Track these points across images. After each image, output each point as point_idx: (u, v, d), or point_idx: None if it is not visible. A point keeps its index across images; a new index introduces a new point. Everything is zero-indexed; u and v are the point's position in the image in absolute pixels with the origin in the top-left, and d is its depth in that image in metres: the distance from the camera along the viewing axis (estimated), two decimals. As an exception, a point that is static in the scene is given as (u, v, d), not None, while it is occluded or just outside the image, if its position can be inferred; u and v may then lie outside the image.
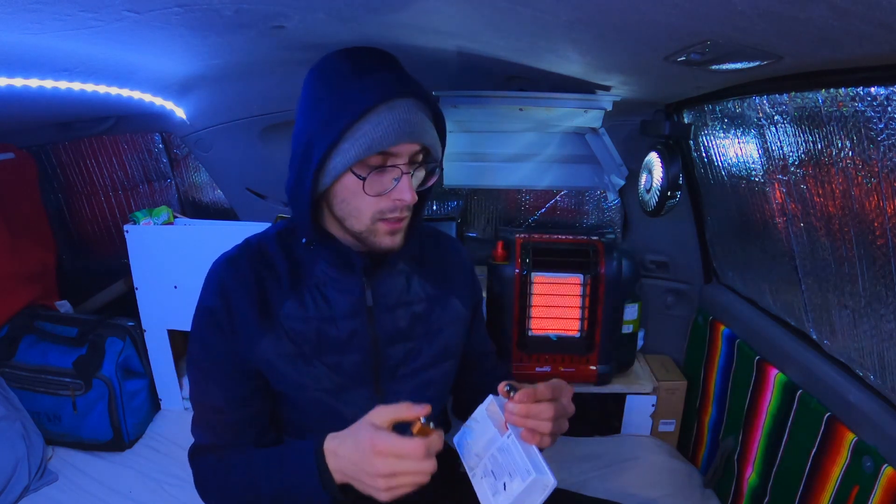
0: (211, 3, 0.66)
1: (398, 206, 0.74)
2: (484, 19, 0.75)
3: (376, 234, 0.77)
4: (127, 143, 1.80)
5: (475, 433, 0.75)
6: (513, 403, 0.70)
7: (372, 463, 0.66)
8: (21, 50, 0.79)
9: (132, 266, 1.52)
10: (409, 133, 0.70)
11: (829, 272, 0.98)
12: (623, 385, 1.55)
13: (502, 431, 0.71)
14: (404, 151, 0.72)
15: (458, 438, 0.77)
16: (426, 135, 0.73)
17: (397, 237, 0.78)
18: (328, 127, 0.70)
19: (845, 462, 0.93)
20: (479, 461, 0.72)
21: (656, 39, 0.72)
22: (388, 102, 0.69)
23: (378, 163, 0.71)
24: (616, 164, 1.48)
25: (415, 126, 0.71)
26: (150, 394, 1.59)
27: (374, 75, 0.71)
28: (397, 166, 0.72)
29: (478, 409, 0.76)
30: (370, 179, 0.72)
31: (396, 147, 0.71)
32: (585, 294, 1.44)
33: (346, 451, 0.69)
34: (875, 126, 0.75)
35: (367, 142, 0.69)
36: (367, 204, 0.74)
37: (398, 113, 0.69)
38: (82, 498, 1.32)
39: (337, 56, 0.74)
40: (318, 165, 0.71)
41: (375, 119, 0.69)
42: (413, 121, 0.71)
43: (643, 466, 1.43)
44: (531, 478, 0.64)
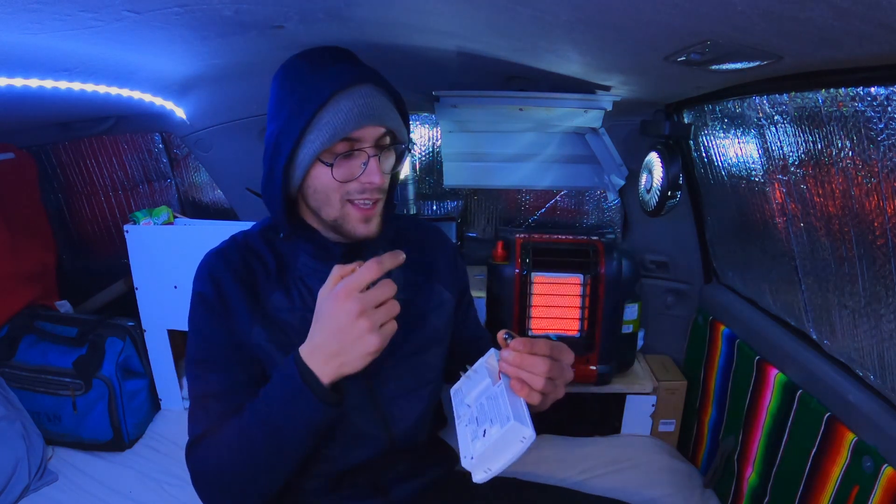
0: (211, 3, 0.66)
1: (367, 189, 0.76)
2: (484, 19, 0.75)
3: (349, 220, 0.79)
4: (127, 143, 1.80)
5: (470, 383, 0.75)
6: (508, 350, 0.69)
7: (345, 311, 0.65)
8: (21, 50, 0.79)
9: (132, 266, 1.52)
10: (370, 116, 0.73)
11: (829, 272, 0.98)
12: (623, 385, 1.55)
13: (495, 381, 0.71)
14: (368, 136, 0.74)
15: (454, 389, 0.76)
16: (387, 118, 0.75)
17: (372, 224, 0.80)
18: (292, 121, 0.73)
19: (845, 462, 0.93)
20: (467, 410, 0.72)
21: (656, 39, 0.72)
22: (347, 90, 0.72)
23: (344, 149, 0.74)
24: (616, 164, 1.48)
25: (375, 109, 0.73)
26: (150, 394, 1.59)
27: (330, 68, 0.74)
28: (363, 149, 0.74)
29: (478, 361, 0.76)
30: (338, 165, 0.74)
31: (359, 132, 0.73)
32: (585, 294, 1.44)
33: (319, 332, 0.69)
34: (875, 126, 0.75)
35: (329, 129, 0.71)
36: (336, 189, 0.76)
37: (357, 98, 0.72)
38: (82, 498, 1.32)
39: (295, 57, 0.79)
40: (287, 160, 0.74)
41: (335, 107, 0.71)
42: (372, 104, 0.73)
43: (643, 466, 1.43)
44: (509, 423, 0.62)
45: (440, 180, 1.71)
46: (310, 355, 0.69)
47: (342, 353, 0.68)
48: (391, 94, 0.78)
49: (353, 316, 0.66)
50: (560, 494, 1.05)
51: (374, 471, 0.91)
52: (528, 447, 0.63)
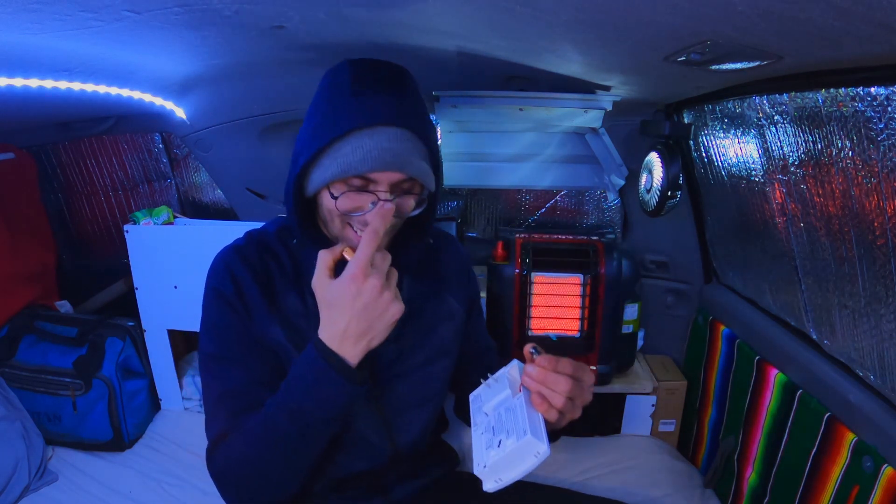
0: (211, 3, 0.66)
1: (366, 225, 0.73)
2: (484, 19, 0.75)
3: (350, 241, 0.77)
4: (127, 143, 1.80)
5: (490, 392, 0.75)
6: (532, 366, 0.69)
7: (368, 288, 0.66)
8: (21, 50, 0.79)
9: (132, 266, 1.52)
10: (390, 162, 0.69)
11: (829, 272, 0.98)
12: (623, 385, 1.55)
13: (515, 394, 0.71)
14: (384, 179, 0.71)
15: (474, 395, 0.77)
16: (410, 165, 0.71)
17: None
18: (313, 140, 0.71)
19: (845, 462, 0.93)
20: (485, 418, 0.72)
21: (656, 39, 0.72)
22: (373, 128, 0.69)
23: (357, 185, 0.72)
24: (616, 164, 1.48)
25: (397, 156, 0.69)
26: (150, 394, 1.59)
27: (368, 97, 0.70)
28: (376, 192, 0.72)
29: (500, 370, 0.76)
30: (345, 197, 0.72)
31: (375, 174, 0.70)
32: (585, 294, 1.44)
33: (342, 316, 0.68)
34: (875, 126, 0.75)
35: (343, 164, 0.69)
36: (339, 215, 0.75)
37: (380, 141, 0.69)
38: (82, 498, 1.32)
39: (345, 66, 0.74)
40: (300, 174, 0.74)
41: (356, 142, 0.69)
42: (396, 150, 0.69)
43: (643, 466, 1.43)
44: (525, 437, 0.63)
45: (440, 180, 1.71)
46: (336, 340, 0.69)
47: (371, 330, 0.68)
48: (423, 139, 0.73)
49: (378, 291, 0.66)
50: (560, 494, 1.05)
51: (383, 480, 0.91)
52: (541, 462, 0.64)
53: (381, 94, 0.71)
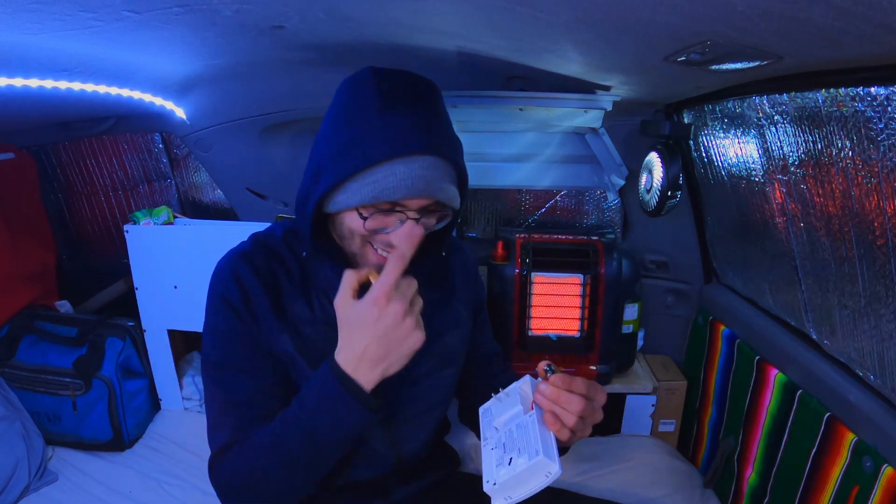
0: (211, 3, 0.66)
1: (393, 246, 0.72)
2: (484, 19, 0.75)
3: (364, 261, 0.75)
4: (127, 143, 1.80)
5: (501, 407, 0.74)
6: (546, 384, 0.68)
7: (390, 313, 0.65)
8: (21, 50, 0.79)
9: (132, 266, 1.52)
10: (423, 190, 0.68)
11: (829, 272, 0.98)
12: (623, 385, 1.55)
13: (526, 410, 0.71)
14: (414, 204, 0.70)
15: (484, 409, 0.76)
16: (441, 192, 0.70)
17: None
18: (340, 161, 0.67)
19: (845, 462, 0.93)
20: (495, 433, 0.72)
21: (656, 39, 0.72)
22: (411, 157, 0.66)
23: (386, 207, 0.70)
24: (616, 164, 1.48)
25: (430, 183, 0.68)
26: (150, 394, 1.59)
27: (399, 119, 0.67)
28: (405, 212, 0.70)
29: (512, 385, 0.75)
30: (373, 218, 0.70)
31: (409, 201, 0.69)
32: (585, 294, 1.44)
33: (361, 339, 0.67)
34: (875, 126, 0.75)
35: (375, 190, 0.67)
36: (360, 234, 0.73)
37: (413, 169, 0.67)
38: (82, 498, 1.32)
39: (371, 79, 0.70)
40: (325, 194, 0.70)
41: (389, 169, 0.66)
42: (428, 177, 0.68)
43: (643, 466, 1.43)
44: (537, 458, 0.63)
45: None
46: (353, 363, 0.68)
47: (389, 356, 0.67)
48: (453, 163, 0.72)
49: (400, 317, 0.65)
50: (560, 494, 1.05)
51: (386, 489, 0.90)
52: (552, 482, 0.64)
53: (413, 115, 0.68)
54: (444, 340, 0.88)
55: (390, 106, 0.67)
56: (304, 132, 1.53)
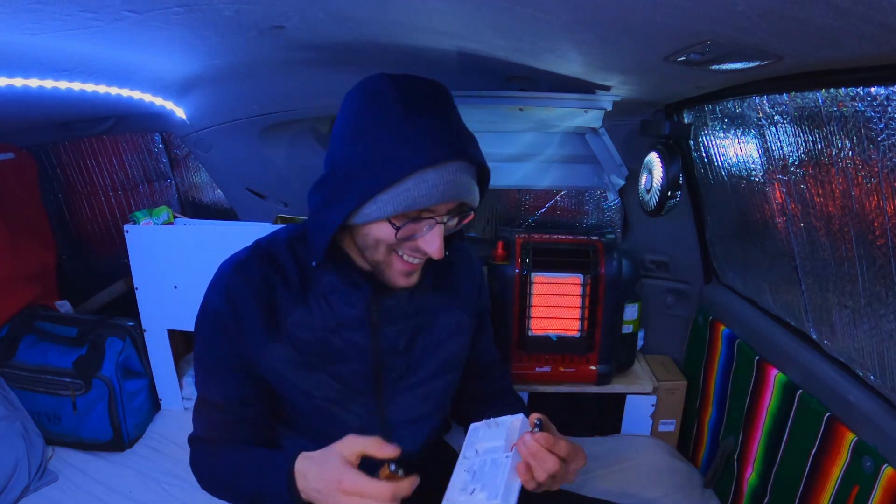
0: (211, 3, 0.66)
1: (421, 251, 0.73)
2: (484, 19, 0.75)
3: (391, 269, 0.76)
4: (127, 143, 1.80)
5: (489, 433, 0.77)
6: (530, 437, 0.71)
7: (336, 498, 0.67)
8: (21, 50, 0.79)
9: (132, 266, 1.52)
10: (454, 195, 0.69)
11: (829, 272, 0.98)
12: (623, 385, 1.55)
13: (507, 448, 0.73)
14: (444, 210, 0.72)
15: (474, 427, 0.79)
16: (469, 193, 0.72)
17: (413, 277, 0.78)
18: (369, 174, 0.67)
19: (845, 462, 0.93)
20: (473, 456, 0.75)
21: (656, 39, 0.72)
22: (439, 165, 0.67)
23: (415, 215, 0.71)
24: (616, 164, 1.48)
25: (459, 187, 0.70)
26: (150, 394, 1.59)
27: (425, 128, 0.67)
28: (433, 217, 0.71)
29: (508, 417, 0.77)
30: (405, 228, 0.71)
31: (438, 207, 0.71)
32: (585, 294, 1.44)
33: (313, 478, 0.70)
34: (875, 126, 0.75)
35: (407, 200, 0.67)
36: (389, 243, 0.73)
37: (444, 175, 0.68)
38: (82, 498, 1.32)
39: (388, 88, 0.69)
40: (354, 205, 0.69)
41: (420, 178, 0.67)
42: (458, 182, 0.69)
43: (643, 466, 1.43)
44: (495, 501, 0.66)
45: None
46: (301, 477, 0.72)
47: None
48: (477, 164, 0.73)
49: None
50: (560, 494, 1.05)
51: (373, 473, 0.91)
52: None
53: (437, 120, 0.69)
54: (446, 347, 0.89)
55: (414, 113, 0.67)
56: (304, 132, 1.53)
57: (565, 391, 1.54)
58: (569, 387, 1.54)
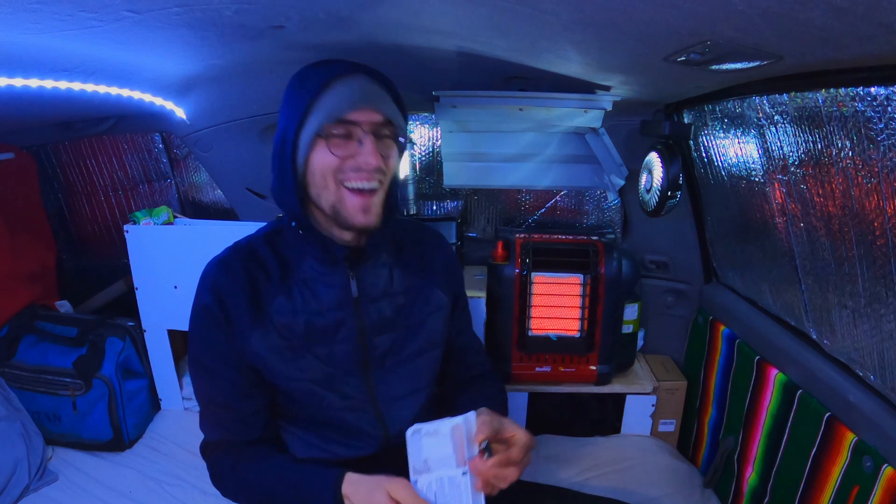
0: (211, 3, 0.66)
1: (363, 168, 0.77)
2: (484, 19, 0.75)
3: (345, 207, 0.79)
4: (127, 143, 1.80)
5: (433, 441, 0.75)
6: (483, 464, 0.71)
7: None
8: (21, 50, 0.79)
9: (132, 266, 1.52)
10: (365, 100, 0.76)
11: (829, 272, 0.98)
12: (623, 385, 1.55)
13: (459, 461, 0.72)
14: (364, 119, 0.77)
15: (412, 433, 0.77)
16: (384, 105, 0.78)
17: (371, 215, 0.80)
18: (294, 110, 0.77)
19: (845, 462, 0.93)
20: (425, 472, 0.74)
21: (656, 39, 0.72)
22: (343, 77, 0.76)
23: (341, 131, 0.77)
24: (616, 164, 1.48)
25: (370, 95, 0.77)
26: (150, 394, 1.59)
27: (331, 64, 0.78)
28: (360, 128, 0.77)
29: (445, 421, 0.75)
30: (335, 144, 0.77)
31: (355, 114, 0.76)
32: (585, 294, 1.44)
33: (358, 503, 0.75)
34: (875, 126, 0.75)
35: (326, 111, 0.75)
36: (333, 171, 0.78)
37: (353, 84, 0.76)
38: (82, 498, 1.32)
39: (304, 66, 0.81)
40: (293, 145, 0.77)
41: (333, 91, 0.75)
42: (368, 90, 0.77)
43: (643, 466, 1.43)
44: None
45: (440, 180, 1.71)
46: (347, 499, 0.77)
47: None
48: (390, 90, 0.81)
49: None
50: (560, 494, 1.05)
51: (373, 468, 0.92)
52: None
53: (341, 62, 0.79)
54: (427, 324, 0.92)
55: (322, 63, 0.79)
56: (304, 132, 1.53)
57: (565, 391, 1.54)
58: (569, 387, 1.54)
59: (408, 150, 1.54)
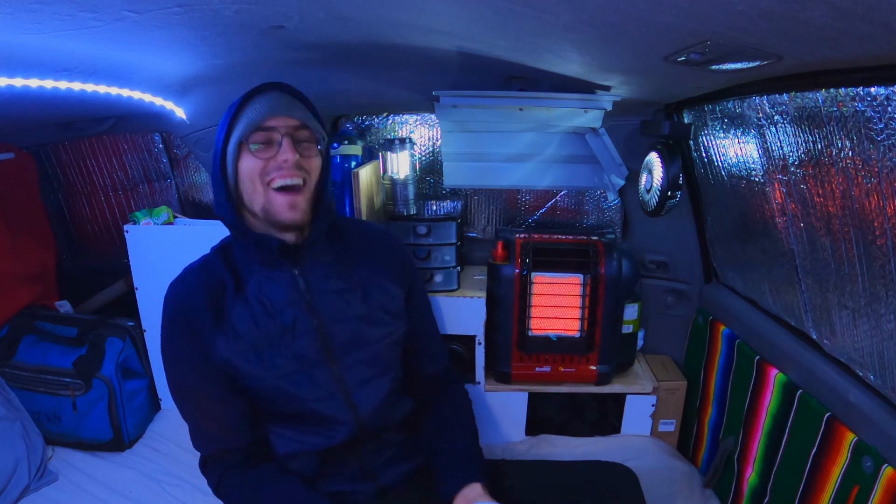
0: (211, 3, 0.67)
1: (284, 167, 0.85)
2: (484, 19, 0.75)
3: (274, 206, 0.86)
4: (127, 143, 1.80)
5: None
6: None
7: None
8: (21, 50, 0.79)
9: (132, 266, 1.52)
10: (281, 107, 0.85)
11: (829, 272, 0.98)
12: (623, 385, 1.55)
13: None
14: (280, 124, 0.85)
15: None
16: (297, 111, 0.87)
17: (297, 211, 0.87)
18: (222, 127, 0.87)
19: (845, 462, 0.93)
20: None
21: (656, 39, 0.72)
22: (261, 93, 0.87)
23: (261, 138, 0.85)
24: (616, 164, 1.48)
25: (286, 103, 0.86)
26: (150, 394, 1.59)
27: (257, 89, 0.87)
28: (277, 132, 0.85)
29: None
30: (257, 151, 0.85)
31: (272, 121, 0.84)
32: (585, 294, 1.44)
33: None
34: (875, 126, 0.75)
35: (247, 120, 0.84)
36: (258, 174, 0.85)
37: (269, 96, 0.86)
38: (82, 498, 1.32)
39: None
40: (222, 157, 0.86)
41: (251, 105, 0.85)
42: (282, 101, 0.86)
43: (643, 466, 1.43)
44: None
45: (440, 180, 1.71)
46: None
47: None
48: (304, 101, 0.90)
49: None
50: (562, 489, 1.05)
51: (359, 456, 0.98)
52: None
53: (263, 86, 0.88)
54: (381, 312, 0.98)
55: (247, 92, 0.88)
56: (304, 132, 1.53)
57: (565, 391, 1.54)
58: (569, 387, 1.54)
59: (408, 150, 1.54)
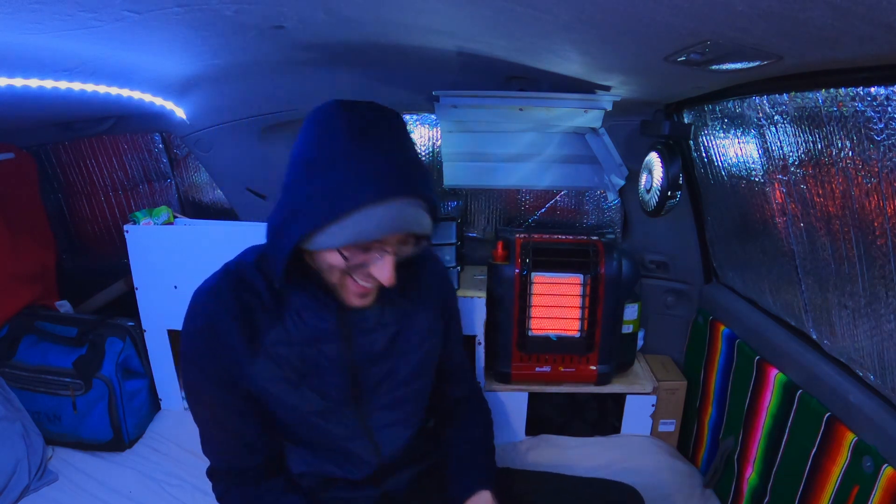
0: (211, 3, 0.66)
1: (370, 281, 0.76)
2: (484, 19, 0.75)
3: (345, 290, 0.78)
4: (127, 143, 1.80)
5: None
6: None
7: None
8: (21, 50, 0.79)
9: (132, 266, 1.52)
10: (400, 227, 0.71)
11: (829, 272, 0.98)
12: (623, 385, 1.55)
13: None
14: (392, 239, 0.73)
15: None
16: (417, 225, 0.73)
17: (368, 299, 0.80)
18: (319, 206, 0.68)
19: (845, 462, 0.93)
20: None
21: (656, 39, 0.72)
22: (384, 201, 0.68)
23: (365, 245, 0.72)
24: (616, 164, 1.48)
25: (406, 221, 0.71)
26: (150, 394, 1.59)
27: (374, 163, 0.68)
28: (383, 248, 0.73)
29: None
30: (354, 256, 0.73)
31: (385, 237, 0.71)
32: (585, 294, 1.44)
33: None
34: (875, 126, 0.75)
35: (354, 234, 0.69)
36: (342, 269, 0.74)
37: (391, 210, 0.69)
38: (82, 498, 1.32)
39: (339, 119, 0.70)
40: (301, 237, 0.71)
41: (366, 213, 0.68)
42: (405, 216, 0.70)
43: (643, 466, 1.43)
44: None
45: (440, 180, 1.71)
46: None
47: None
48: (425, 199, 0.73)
49: None
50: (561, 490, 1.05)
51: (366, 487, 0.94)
52: None
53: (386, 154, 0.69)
54: (419, 352, 0.91)
55: (362, 148, 0.68)
56: (304, 132, 1.53)
57: (565, 391, 1.54)
58: (569, 387, 1.54)
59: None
